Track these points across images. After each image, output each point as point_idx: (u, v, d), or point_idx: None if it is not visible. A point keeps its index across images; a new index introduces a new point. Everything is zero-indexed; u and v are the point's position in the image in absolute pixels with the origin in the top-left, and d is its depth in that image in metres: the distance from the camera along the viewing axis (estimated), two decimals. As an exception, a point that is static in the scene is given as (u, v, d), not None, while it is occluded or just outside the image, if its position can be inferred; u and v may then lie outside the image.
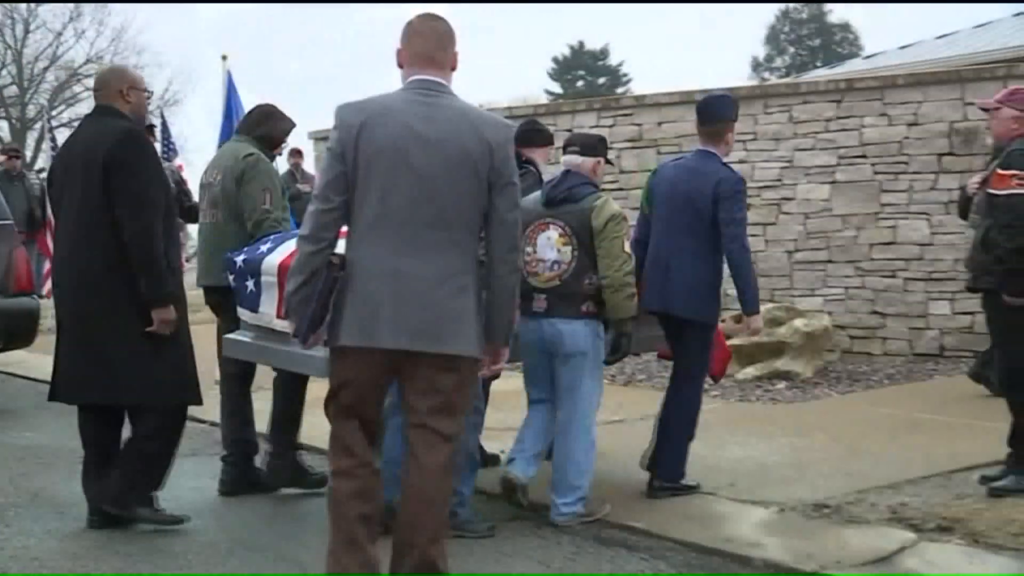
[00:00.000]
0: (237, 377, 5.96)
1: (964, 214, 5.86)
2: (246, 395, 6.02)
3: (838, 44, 52.69)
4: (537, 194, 5.50)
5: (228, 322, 5.74)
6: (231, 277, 5.51)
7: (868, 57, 22.70)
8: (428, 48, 3.92)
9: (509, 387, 6.54)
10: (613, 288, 5.24)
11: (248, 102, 8.83)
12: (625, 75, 53.50)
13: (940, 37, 19.79)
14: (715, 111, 5.76)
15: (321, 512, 4.14)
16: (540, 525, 5.29)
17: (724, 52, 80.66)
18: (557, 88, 52.09)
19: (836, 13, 54.03)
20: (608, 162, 5.72)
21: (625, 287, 5.25)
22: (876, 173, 9.65)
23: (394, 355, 3.78)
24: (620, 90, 49.11)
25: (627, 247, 5.31)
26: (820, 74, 20.37)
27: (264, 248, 5.37)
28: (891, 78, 10.07)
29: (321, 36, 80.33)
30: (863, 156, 9.70)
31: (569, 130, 10.94)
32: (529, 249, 5.33)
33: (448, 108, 3.84)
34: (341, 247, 3.92)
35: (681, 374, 5.72)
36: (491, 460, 6.29)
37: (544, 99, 42.47)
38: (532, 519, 5.39)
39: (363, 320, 3.77)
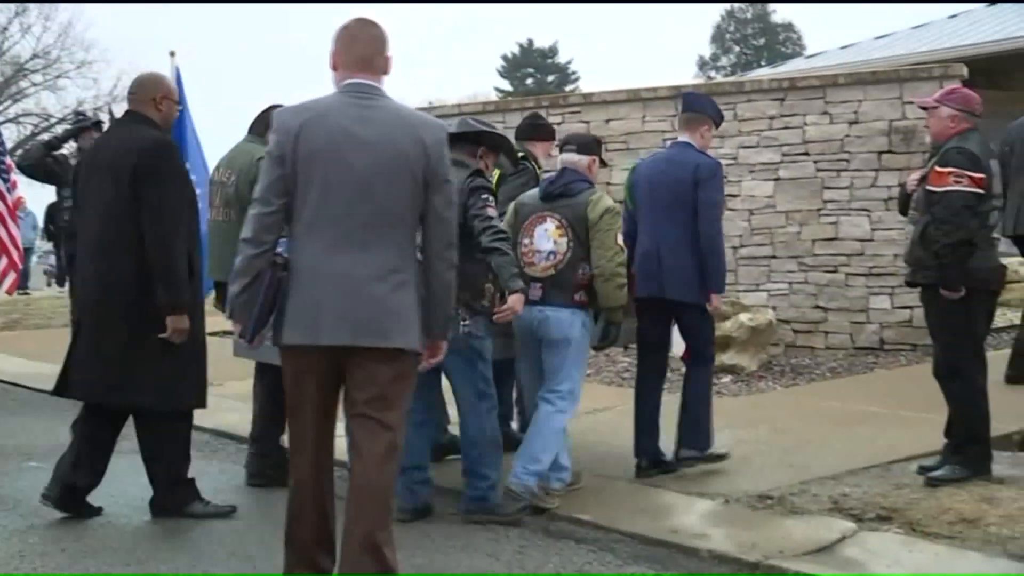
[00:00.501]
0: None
1: (904, 210, 5.92)
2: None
3: (782, 44, 53.25)
4: (536, 190, 5.72)
5: None
6: None
7: (810, 57, 22.93)
8: (366, 53, 3.97)
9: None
10: (604, 277, 5.41)
11: (196, 99, 8.75)
12: (574, 73, 53.76)
13: (879, 38, 20.03)
14: (695, 103, 6.13)
15: (273, 508, 4.12)
16: (482, 521, 5.28)
17: (672, 51, 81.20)
18: (507, 86, 52.12)
19: (780, 13, 54.63)
20: (603, 162, 5.89)
21: (616, 277, 5.42)
22: (818, 170, 9.72)
23: (338, 351, 3.83)
24: (569, 88, 49.23)
25: (620, 240, 5.50)
26: (764, 73, 20.52)
27: None
28: (832, 77, 10.13)
29: (268, 34, 79.75)
30: (806, 154, 9.77)
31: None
32: (526, 240, 5.53)
33: (384, 110, 3.92)
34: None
35: (694, 355, 5.96)
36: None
37: (494, 96, 42.48)
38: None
39: (306, 318, 3.83)
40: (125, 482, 5.54)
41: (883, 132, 9.43)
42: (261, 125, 6.03)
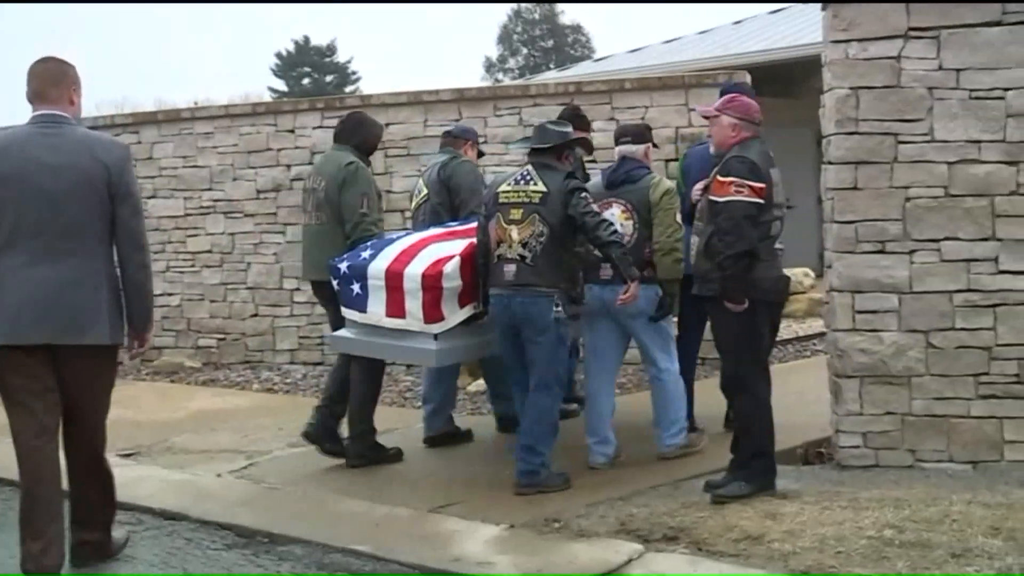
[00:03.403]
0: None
1: (690, 220, 6.14)
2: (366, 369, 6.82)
3: (571, 46, 54.40)
4: (598, 178, 6.71)
5: (333, 316, 6.81)
6: (335, 282, 6.48)
7: (598, 60, 23.54)
8: (41, 86, 4.79)
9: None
10: (663, 251, 6.33)
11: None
12: (354, 73, 53.33)
13: (667, 42, 20.76)
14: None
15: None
16: (259, 553, 5.21)
17: (458, 51, 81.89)
18: (282, 85, 51.28)
19: (568, 14, 55.79)
20: (654, 145, 6.92)
21: (673, 251, 6.33)
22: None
23: (41, 350, 4.62)
24: (349, 89, 48.90)
25: (679, 218, 6.41)
26: (550, 76, 20.96)
27: (366, 255, 6.33)
28: (619, 82, 10.40)
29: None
30: (593, 161, 9.97)
31: (291, 131, 10.85)
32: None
33: (67, 137, 4.72)
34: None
35: None
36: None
37: (267, 97, 41.76)
38: (251, 547, 5.31)
39: (10, 322, 4.59)
40: None
41: (670, 139, 9.73)
42: (345, 134, 6.95)
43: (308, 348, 10.77)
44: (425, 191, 7.27)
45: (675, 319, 6.83)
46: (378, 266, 6.21)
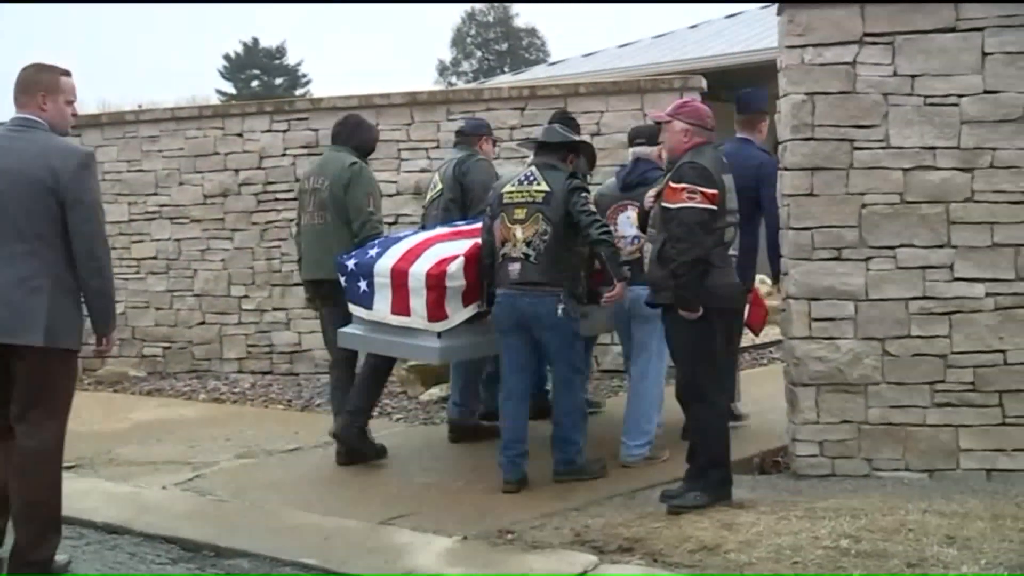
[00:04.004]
0: (345, 361, 7.17)
1: (644, 227, 6.15)
2: (352, 376, 7.13)
3: (525, 49, 54.52)
4: (613, 180, 6.97)
5: (337, 314, 6.95)
6: (342, 278, 6.70)
7: (553, 64, 23.56)
8: (15, 92, 5.01)
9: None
10: None
11: None
12: (304, 76, 53.06)
13: (622, 46, 20.82)
14: (751, 102, 7.18)
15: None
16: (205, 567, 5.19)
17: (411, 54, 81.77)
18: (230, 88, 50.93)
19: (523, 17, 55.93)
20: None
21: None
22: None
23: None
24: (300, 92, 48.68)
25: None
26: (504, 80, 20.95)
27: (373, 253, 6.57)
28: (573, 86, 10.42)
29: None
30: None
31: (239, 134, 10.77)
32: (611, 228, 6.44)
33: (27, 141, 4.91)
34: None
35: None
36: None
37: (215, 99, 41.48)
38: (197, 560, 5.28)
39: None
40: None
41: (625, 144, 9.72)
42: (344, 136, 7.24)
43: (256, 357, 10.71)
44: (440, 186, 7.55)
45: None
46: (384, 264, 6.46)
